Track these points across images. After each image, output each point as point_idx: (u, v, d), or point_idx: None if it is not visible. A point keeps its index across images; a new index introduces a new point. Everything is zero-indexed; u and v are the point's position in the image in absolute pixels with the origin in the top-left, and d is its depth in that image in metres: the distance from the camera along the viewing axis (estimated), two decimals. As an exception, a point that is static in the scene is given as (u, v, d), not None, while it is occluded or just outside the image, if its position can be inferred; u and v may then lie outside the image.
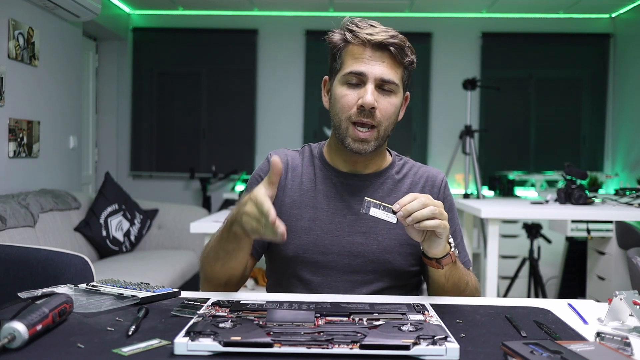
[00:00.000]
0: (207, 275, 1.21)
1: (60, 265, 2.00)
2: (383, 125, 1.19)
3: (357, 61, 1.17)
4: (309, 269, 1.22)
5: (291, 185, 1.27)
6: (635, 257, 1.86)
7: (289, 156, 1.31)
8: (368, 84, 1.16)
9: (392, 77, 1.17)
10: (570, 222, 3.33)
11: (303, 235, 1.22)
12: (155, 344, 0.79)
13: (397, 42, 1.16)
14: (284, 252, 1.23)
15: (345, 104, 1.18)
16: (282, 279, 1.27)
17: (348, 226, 1.23)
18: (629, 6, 4.72)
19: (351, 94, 1.18)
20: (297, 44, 5.08)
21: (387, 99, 1.18)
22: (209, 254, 1.19)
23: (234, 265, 1.16)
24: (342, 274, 1.22)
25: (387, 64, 1.17)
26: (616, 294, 0.93)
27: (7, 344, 0.74)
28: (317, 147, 1.33)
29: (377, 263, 1.22)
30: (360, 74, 1.16)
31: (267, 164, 1.29)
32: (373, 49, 1.16)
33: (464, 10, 4.96)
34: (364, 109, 1.16)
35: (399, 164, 1.31)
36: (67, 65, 3.80)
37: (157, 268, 3.06)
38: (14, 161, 3.16)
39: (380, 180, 1.27)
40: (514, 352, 0.74)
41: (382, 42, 1.15)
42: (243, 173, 5.01)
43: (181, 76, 5.19)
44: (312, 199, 1.25)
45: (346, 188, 1.25)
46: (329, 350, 0.75)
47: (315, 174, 1.28)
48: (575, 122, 5.08)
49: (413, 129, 5.09)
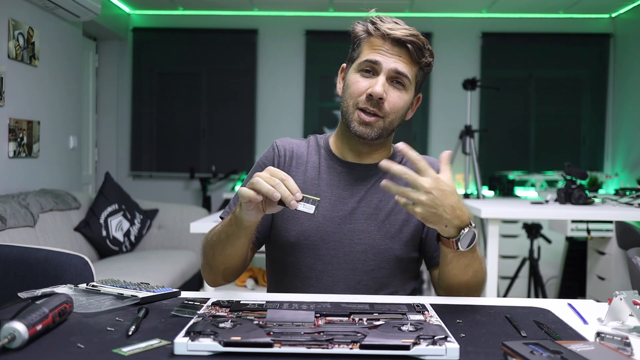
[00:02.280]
0: (207, 260, 1.21)
1: (60, 265, 2.00)
2: (389, 118, 1.20)
3: (374, 51, 1.20)
4: (310, 255, 1.23)
5: (295, 173, 1.28)
6: (635, 257, 1.86)
7: (294, 144, 1.33)
8: (380, 75, 1.18)
9: (406, 72, 1.19)
10: (570, 222, 3.33)
11: (305, 222, 1.23)
12: (155, 344, 0.79)
13: (416, 41, 1.19)
14: (286, 238, 1.24)
15: (355, 90, 1.21)
16: (283, 267, 1.27)
17: (350, 214, 1.24)
18: (629, 6, 4.72)
19: (363, 82, 1.20)
20: (297, 44, 5.08)
21: (397, 93, 1.20)
22: (211, 238, 1.20)
23: (232, 252, 1.16)
24: (343, 262, 1.23)
25: (404, 60, 1.19)
26: (616, 294, 0.93)
27: (7, 344, 0.74)
28: (323, 138, 1.35)
29: (377, 250, 1.23)
30: (375, 62, 1.19)
31: (272, 151, 1.31)
32: (392, 44, 1.19)
33: (464, 10, 4.96)
34: (372, 98, 1.18)
35: (400, 155, 1.32)
36: (67, 65, 3.80)
37: (157, 268, 3.06)
38: (14, 161, 3.16)
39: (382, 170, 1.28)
40: (514, 352, 0.74)
41: (400, 38, 1.18)
42: (243, 173, 5.01)
43: (181, 76, 5.19)
44: (315, 186, 1.26)
45: (349, 177, 1.27)
46: (329, 350, 0.75)
47: (320, 162, 1.29)
48: (575, 122, 5.08)
49: (413, 129, 5.09)
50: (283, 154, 1.30)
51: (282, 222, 1.25)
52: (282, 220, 1.25)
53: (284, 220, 1.25)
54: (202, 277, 3.81)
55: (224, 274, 1.21)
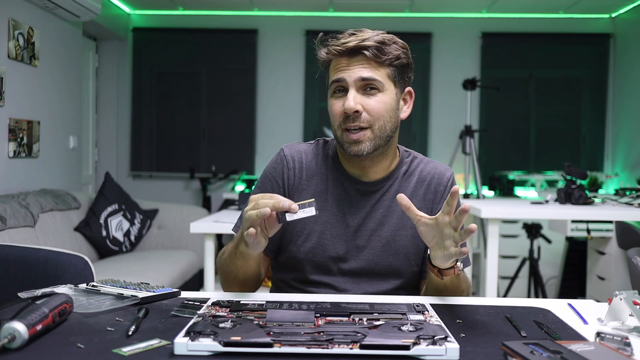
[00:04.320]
0: (226, 284, 1.25)
1: (60, 265, 2.00)
2: (377, 125, 1.18)
3: (338, 71, 1.20)
4: (317, 271, 1.24)
5: (306, 187, 1.27)
6: (635, 257, 1.86)
7: (303, 152, 1.30)
8: (350, 90, 1.18)
9: (372, 75, 1.17)
10: (570, 222, 3.33)
11: (314, 238, 1.24)
12: (155, 344, 0.79)
13: (371, 44, 1.17)
14: (294, 254, 1.25)
15: (333, 113, 1.21)
16: (288, 281, 1.29)
17: (355, 230, 1.24)
18: (629, 6, 4.72)
19: (337, 103, 1.20)
20: (297, 44, 5.08)
21: (373, 99, 1.18)
22: (222, 265, 1.23)
23: (246, 277, 1.19)
24: (348, 276, 1.24)
25: (367, 66, 1.18)
26: (616, 294, 0.93)
27: (7, 344, 0.74)
28: (332, 146, 1.32)
29: (382, 266, 1.24)
30: (339, 80, 1.19)
31: (280, 162, 1.29)
32: (349, 56, 1.18)
33: (464, 10, 4.96)
34: (348, 115, 1.17)
35: (407, 161, 1.30)
36: (67, 65, 3.80)
37: (157, 268, 3.05)
38: (14, 161, 3.16)
39: (388, 183, 1.27)
40: (514, 352, 0.74)
41: (354, 48, 1.17)
42: (243, 173, 5.01)
43: (181, 76, 5.19)
44: (324, 201, 1.25)
45: (356, 192, 1.26)
46: (329, 350, 0.75)
47: (328, 175, 1.28)
48: (575, 122, 5.08)
49: (413, 128, 5.09)
50: (292, 165, 1.28)
51: (291, 236, 1.26)
52: (291, 235, 1.25)
53: (292, 235, 1.25)
54: (202, 277, 3.79)
55: (241, 288, 1.24)
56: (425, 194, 1.28)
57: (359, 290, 1.23)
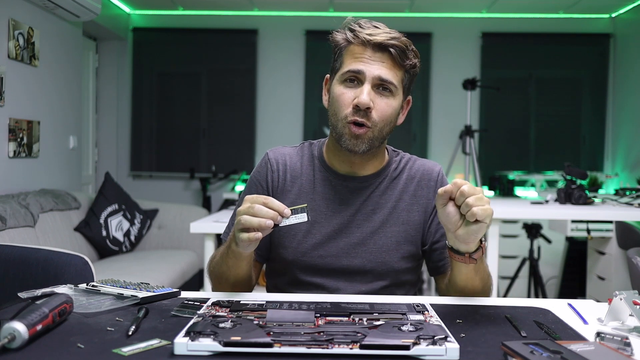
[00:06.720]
0: (216, 288, 1.24)
1: (60, 265, 2.00)
2: (378, 127, 1.17)
3: (356, 60, 1.16)
4: (307, 272, 1.23)
5: (290, 188, 1.27)
6: (635, 257, 1.86)
7: (287, 155, 1.30)
8: (365, 84, 1.15)
9: (391, 78, 1.16)
10: (570, 222, 3.33)
11: (302, 239, 1.23)
12: (155, 344, 0.79)
13: (398, 44, 1.16)
14: (284, 255, 1.24)
15: (342, 103, 1.17)
16: (282, 281, 1.28)
17: (345, 227, 1.23)
18: (629, 6, 4.72)
19: (348, 93, 1.17)
20: (297, 44, 5.08)
21: (384, 100, 1.17)
22: (214, 269, 1.22)
23: (238, 278, 1.18)
24: (340, 276, 1.23)
25: (387, 65, 1.16)
26: (616, 294, 0.93)
27: (7, 344, 0.74)
28: (317, 147, 1.31)
29: (375, 263, 1.22)
30: (358, 72, 1.16)
31: (264, 166, 1.29)
32: (373, 50, 1.16)
33: (464, 10, 4.96)
34: (359, 109, 1.15)
35: (396, 160, 1.31)
36: (67, 65, 3.80)
37: (157, 268, 3.05)
38: (14, 161, 3.16)
39: (378, 180, 1.27)
40: (514, 352, 0.74)
41: (382, 43, 1.15)
42: (243, 173, 5.01)
43: (181, 76, 5.19)
44: (310, 201, 1.24)
45: (345, 190, 1.25)
46: (329, 350, 0.75)
47: (315, 175, 1.27)
48: (575, 122, 5.08)
49: (413, 129, 5.08)
50: (276, 168, 1.28)
51: (280, 240, 1.25)
52: (279, 238, 1.25)
53: (280, 238, 1.24)
54: (202, 277, 3.79)
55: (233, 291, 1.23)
56: (415, 190, 1.27)
57: (352, 289, 1.22)
